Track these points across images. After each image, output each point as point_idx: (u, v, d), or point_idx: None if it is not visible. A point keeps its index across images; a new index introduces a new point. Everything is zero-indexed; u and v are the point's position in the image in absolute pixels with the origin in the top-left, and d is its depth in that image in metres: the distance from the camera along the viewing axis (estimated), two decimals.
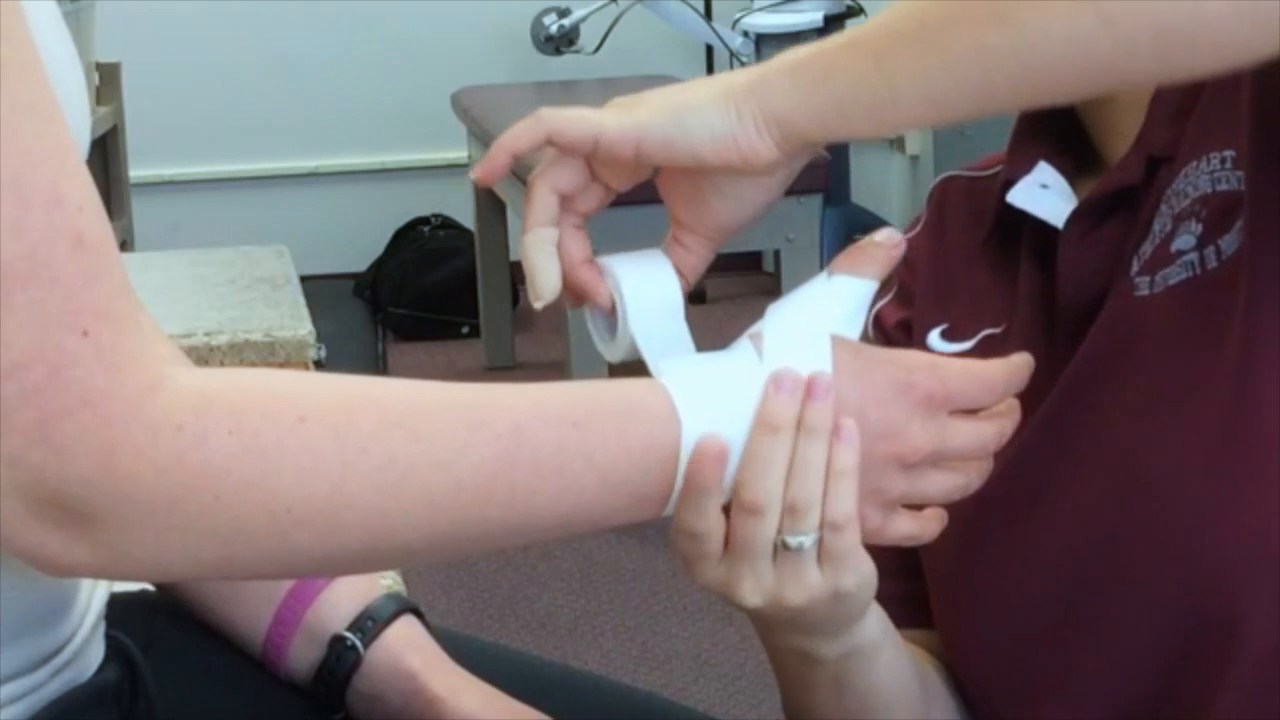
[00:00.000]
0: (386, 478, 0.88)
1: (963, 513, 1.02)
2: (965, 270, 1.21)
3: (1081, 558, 1.06)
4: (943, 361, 0.99)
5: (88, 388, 0.83)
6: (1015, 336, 1.15)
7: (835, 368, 0.95)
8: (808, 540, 0.94)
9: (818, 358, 0.95)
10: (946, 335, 1.20)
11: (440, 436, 0.89)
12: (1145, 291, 1.06)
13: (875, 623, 1.04)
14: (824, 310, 0.98)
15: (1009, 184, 1.17)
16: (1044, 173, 1.16)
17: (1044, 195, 1.15)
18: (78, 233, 0.84)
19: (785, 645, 1.05)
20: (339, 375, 0.92)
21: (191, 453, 0.84)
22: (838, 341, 0.96)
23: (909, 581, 1.18)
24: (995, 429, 0.98)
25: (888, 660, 1.06)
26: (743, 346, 0.97)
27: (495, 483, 0.90)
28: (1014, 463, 1.07)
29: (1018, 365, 0.99)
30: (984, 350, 1.16)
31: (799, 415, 0.93)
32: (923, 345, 1.20)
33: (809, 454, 0.93)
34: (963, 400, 0.97)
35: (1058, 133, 1.18)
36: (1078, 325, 1.10)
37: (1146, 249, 1.07)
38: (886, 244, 1.00)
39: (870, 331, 1.24)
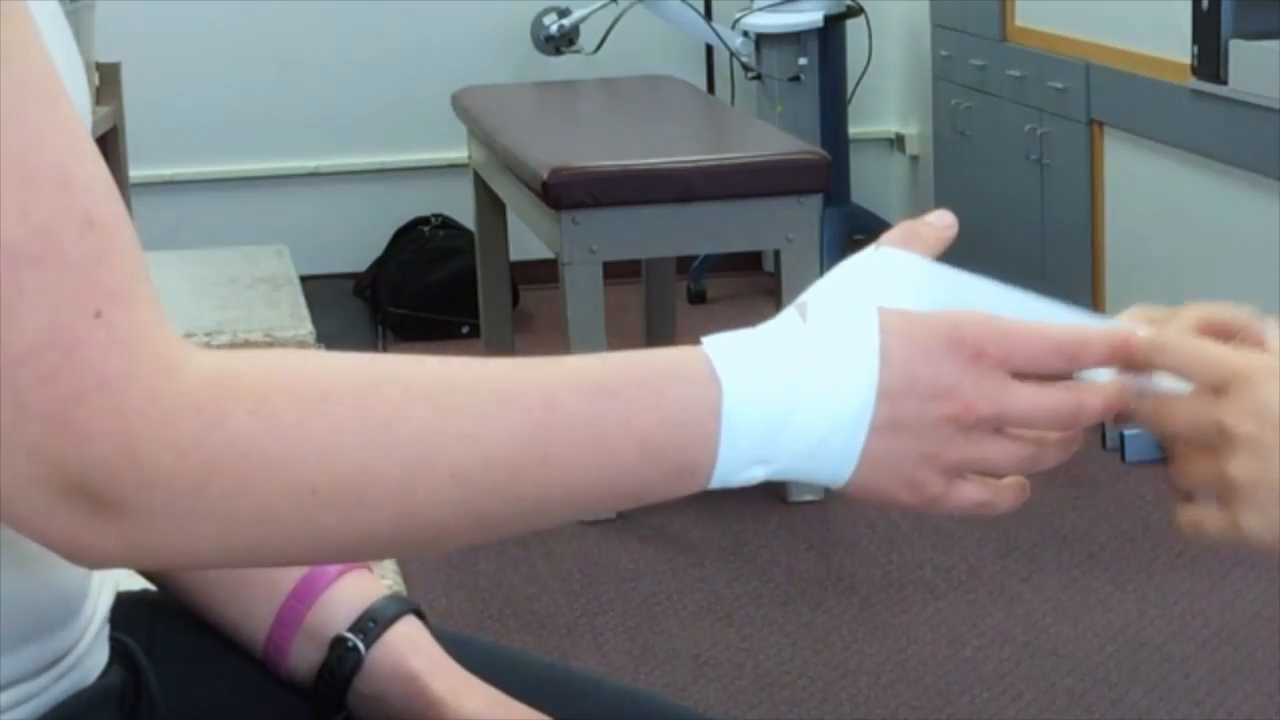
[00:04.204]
0: (413, 453, 0.86)
1: None
2: None
3: None
4: (995, 317, 0.93)
5: (102, 370, 0.82)
6: None
7: (881, 328, 0.92)
8: None
9: (863, 321, 0.92)
10: None
11: (467, 409, 0.87)
12: None
13: None
14: (870, 279, 0.94)
15: None
16: None
17: None
18: (88, 214, 0.83)
19: None
20: (362, 354, 0.90)
21: (212, 434, 0.83)
22: (883, 308, 0.93)
23: None
24: (1072, 401, 0.93)
25: None
26: (786, 314, 0.94)
27: (528, 455, 0.88)
28: None
29: (1103, 332, 0.94)
30: None
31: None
32: None
33: None
34: (1020, 357, 0.92)
35: None
36: None
37: None
38: (938, 224, 0.97)
39: None
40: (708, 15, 5.60)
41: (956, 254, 0.98)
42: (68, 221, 0.82)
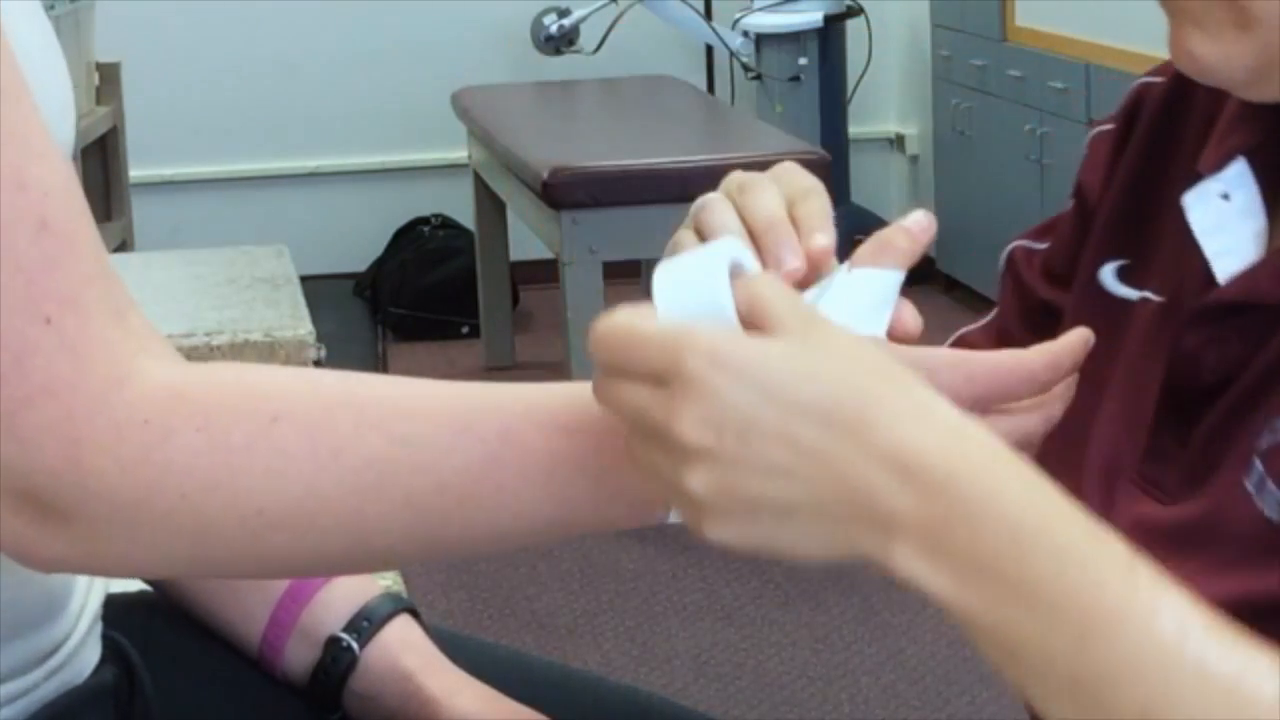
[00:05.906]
0: (363, 480, 0.85)
1: None
2: (1148, 199, 1.05)
3: None
4: (971, 358, 0.87)
5: (50, 376, 0.81)
6: (1167, 323, 0.98)
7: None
8: None
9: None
10: (1123, 276, 1.04)
11: (422, 439, 0.86)
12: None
13: None
14: (842, 308, 0.88)
15: (1197, 177, 0.98)
16: (1234, 175, 0.96)
17: (1219, 212, 0.96)
18: (42, 218, 0.82)
19: None
20: (320, 372, 0.90)
21: (157, 449, 0.82)
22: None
23: None
24: (1040, 419, 0.89)
25: None
26: None
27: (481, 486, 0.87)
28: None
29: (1065, 349, 0.88)
30: (1138, 312, 1.02)
31: None
32: (1090, 279, 1.05)
33: None
34: (997, 398, 0.87)
35: (1269, 117, 0.96)
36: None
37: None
38: (914, 229, 0.90)
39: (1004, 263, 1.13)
40: (708, 15, 5.60)
41: (958, 254, 0.96)
42: (21, 224, 0.82)
